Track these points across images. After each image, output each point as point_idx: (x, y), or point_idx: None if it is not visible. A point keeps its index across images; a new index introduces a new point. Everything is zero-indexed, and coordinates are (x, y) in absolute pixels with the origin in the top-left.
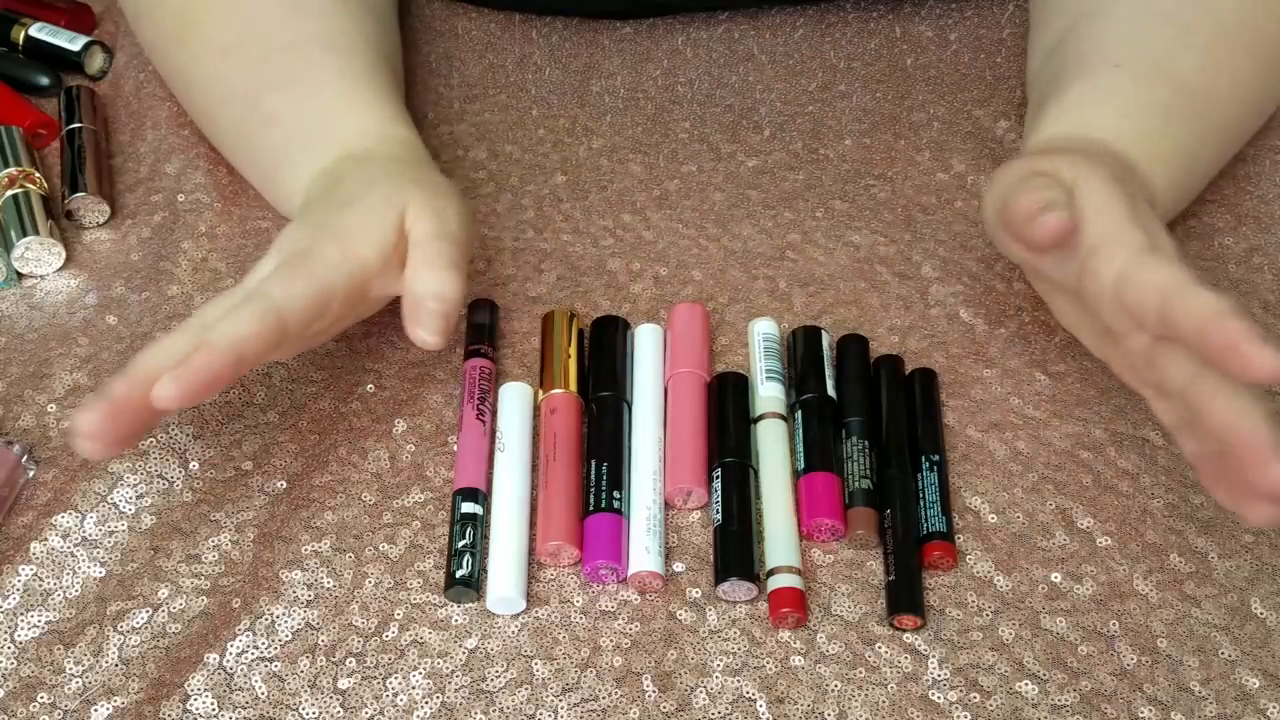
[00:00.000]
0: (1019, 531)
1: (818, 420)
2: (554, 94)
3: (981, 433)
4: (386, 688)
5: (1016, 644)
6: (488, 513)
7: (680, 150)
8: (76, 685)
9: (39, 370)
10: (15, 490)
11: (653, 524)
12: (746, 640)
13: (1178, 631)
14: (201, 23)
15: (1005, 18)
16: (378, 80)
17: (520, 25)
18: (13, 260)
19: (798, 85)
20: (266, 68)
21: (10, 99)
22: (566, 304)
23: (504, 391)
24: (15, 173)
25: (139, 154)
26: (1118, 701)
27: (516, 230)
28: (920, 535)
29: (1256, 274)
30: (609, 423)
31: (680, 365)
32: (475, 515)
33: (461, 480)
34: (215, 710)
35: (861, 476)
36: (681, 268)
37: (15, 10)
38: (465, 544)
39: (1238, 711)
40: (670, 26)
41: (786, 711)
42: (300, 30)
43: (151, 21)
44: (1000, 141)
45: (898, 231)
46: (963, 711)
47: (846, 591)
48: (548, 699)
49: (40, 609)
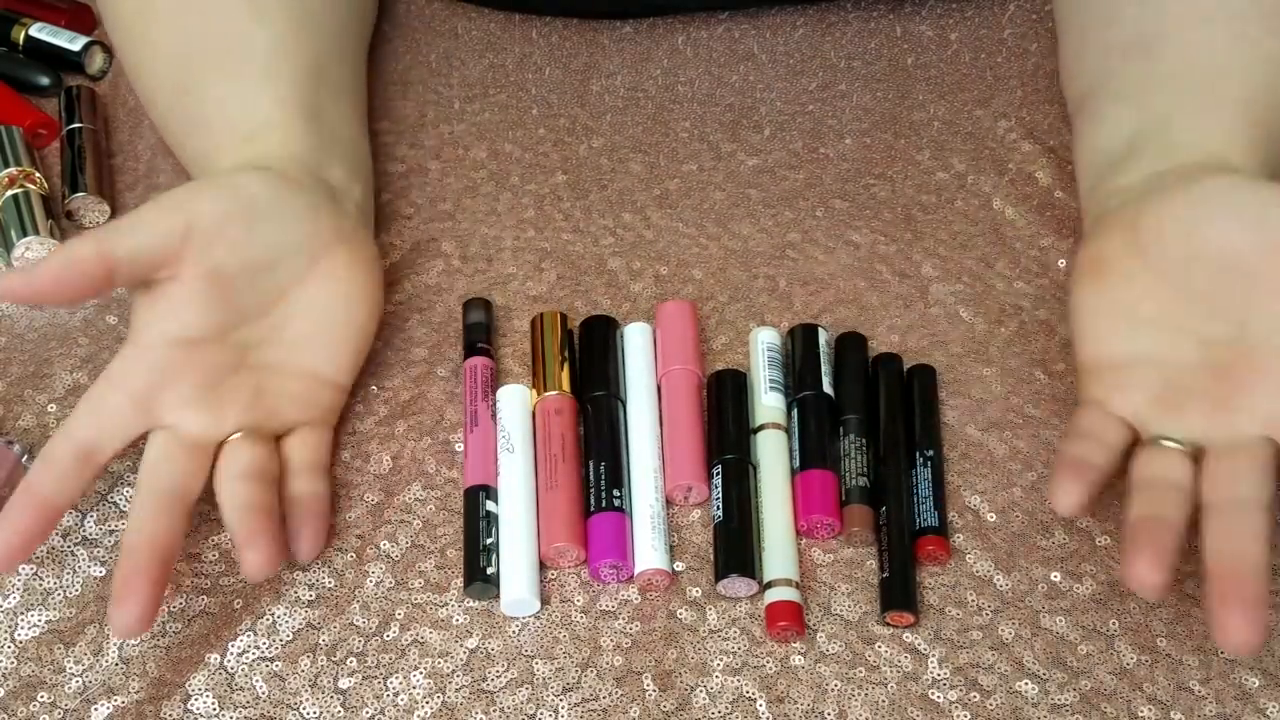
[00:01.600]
0: (1019, 530)
1: (814, 418)
2: (554, 93)
3: (981, 431)
4: (387, 687)
5: (1016, 643)
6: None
7: (680, 149)
8: (77, 684)
9: (39, 370)
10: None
11: (657, 521)
12: (747, 640)
13: (1177, 631)
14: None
15: (1006, 18)
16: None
17: (520, 25)
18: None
19: (798, 84)
20: (180, 109)
21: (10, 99)
22: (557, 306)
23: (502, 393)
24: (15, 172)
25: (137, 153)
26: (1117, 701)
27: (517, 229)
28: (913, 531)
29: None
30: (605, 422)
31: (672, 363)
32: (495, 514)
33: (473, 478)
34: (216, 710)
35: (859, 474)
36: (682, 267)
37: (15, 10)
38: (491, 542)
39: (1237, 711)
40: (670, 26)
41: (786, 711)
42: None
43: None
44: (1000, 141)
45: (898, 230)
46: (962, 711)
47: (846, 591)
48: (548, 698)
49: (40, 608)
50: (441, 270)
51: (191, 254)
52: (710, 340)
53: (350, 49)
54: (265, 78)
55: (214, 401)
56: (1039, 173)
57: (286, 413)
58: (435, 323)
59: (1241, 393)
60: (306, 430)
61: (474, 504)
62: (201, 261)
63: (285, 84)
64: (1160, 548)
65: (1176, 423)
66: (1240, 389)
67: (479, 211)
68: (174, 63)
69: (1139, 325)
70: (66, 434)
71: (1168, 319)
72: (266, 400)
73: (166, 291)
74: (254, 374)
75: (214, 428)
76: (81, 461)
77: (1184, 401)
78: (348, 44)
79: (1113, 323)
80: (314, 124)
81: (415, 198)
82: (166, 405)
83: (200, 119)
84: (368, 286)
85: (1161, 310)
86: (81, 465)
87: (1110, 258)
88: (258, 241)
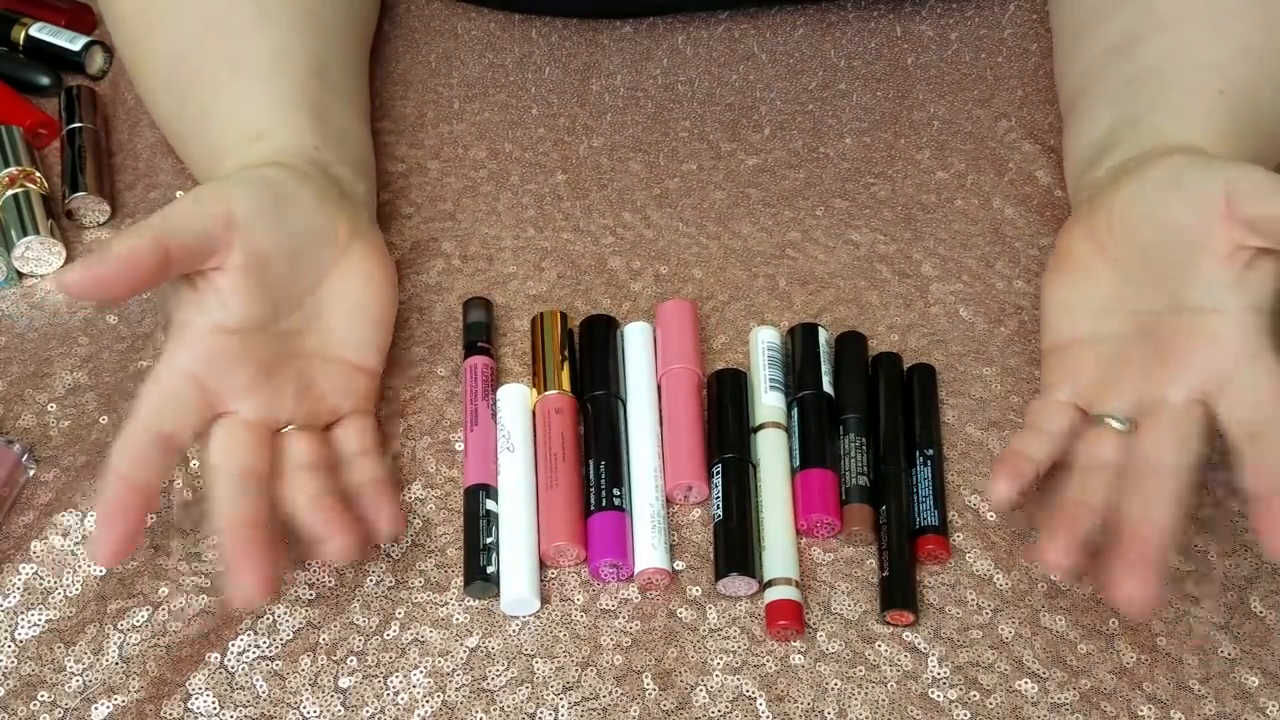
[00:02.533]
0: (1019, 530)
1: (814, 417)
2: (554, 93)
3: (981, 431)
4: (387, 686)
5: (1016, 642)
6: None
7: (680, 149)
8: (77, 684)
9: (39, 370)
10: (15, 489)
11: (657, 520)
12: (746, 639)
13: (1177, 630)
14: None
15: (1006, 18)
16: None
17: (520, 25)
18: (13, 260)
19: (798, 84)
20: (186, 106)
21: (10, 99)
22: (558, 305)
23: (503, 393)
24: (15, 172)
25: (137, 152)
26: (1117, 700)
27: (517, 229)
28: (913, 530)
29: None
30: (605, 421)
31: (672, 362)
32: (496, 514)
33: (474, 477)
34: (216, 709)
35: (859, 473)
36: (682, 266)
37: (15, 10)
38: (491, 541)
39: (1237, 710)
40: (670, 25)
41: (786, 710)
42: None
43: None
44: (1000, 141)
45: (898, 230)
46: (962, 710)
47: (846, 590)
48: (548, 697)
49: (41, 607)
50: (441, 270)
51: (235, 244)
52: (710, 339)
53: (353, 48)
54: (272, 76)
55: (270, 389)
56: (1039, 172)
57: (332, 400)
58: (435, 322)
59: (1174, 360)
60: (352, 418)
61: (474, 503)
62: (244, 251)
63: (292, 83)
64: (1074, 532)
65: (1116, 398)
66: (1173, 356)
67: (479, 211)
68: (177, 60)
69: (1090, 311)
70: (141, 424)
71: (1116, 301)
72: (314, 389)
73: (212, 283)
74: (300, 362)
75: (271, 415)
76: (161, 449)
77: (1121, 376)
78: (350, 43)
79: (1069, 311)
80: (320, 122)
81: (415, 197)
82: (227, 393)
83: (206, 116)
84: (388, 277)
85: (1112, 293)
86: (162, 453)
87: (1072, 250)
88: (291, 232)
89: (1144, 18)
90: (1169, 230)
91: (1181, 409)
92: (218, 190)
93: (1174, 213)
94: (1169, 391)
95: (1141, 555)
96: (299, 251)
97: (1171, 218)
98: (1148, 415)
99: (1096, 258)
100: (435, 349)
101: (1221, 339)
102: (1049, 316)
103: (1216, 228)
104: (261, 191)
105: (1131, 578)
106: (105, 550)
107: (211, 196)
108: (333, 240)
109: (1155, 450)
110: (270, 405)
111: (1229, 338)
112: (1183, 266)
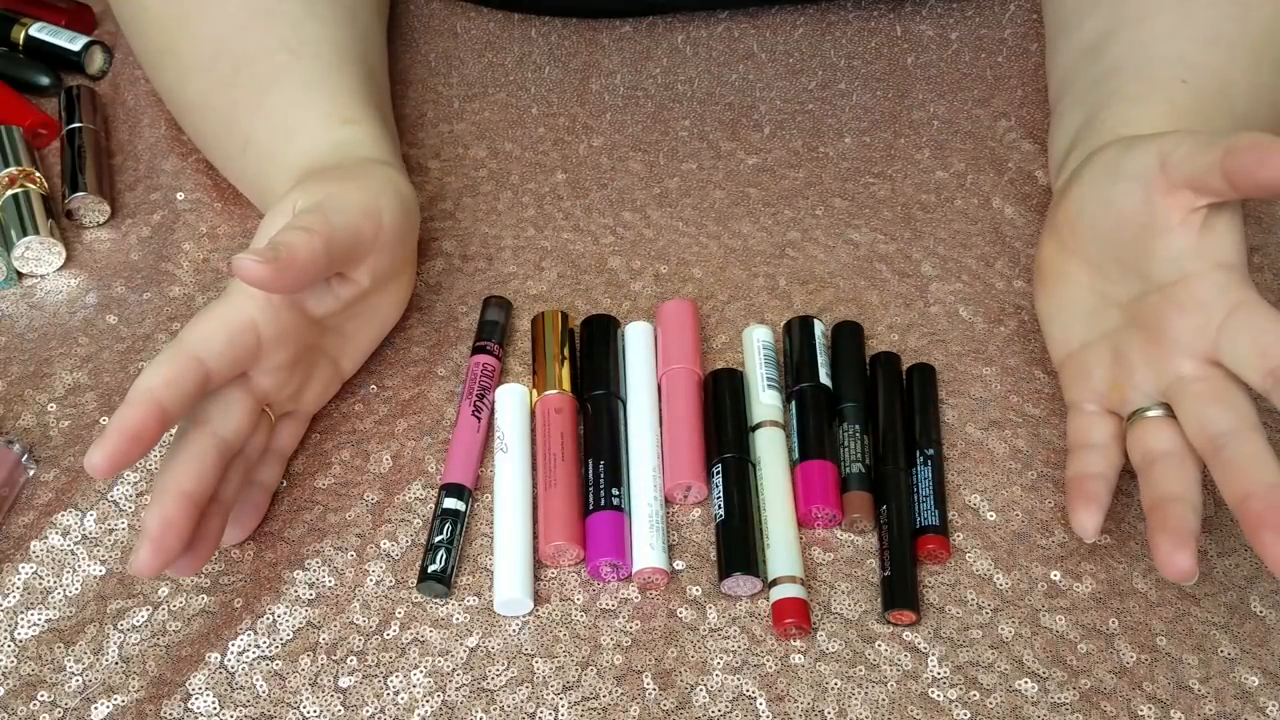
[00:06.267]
0: (1018, 529)
1: (813, 410)
2: (554, 92)
3: (981, 430)
4: (387, 686)
5: (1016, 642)
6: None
7: (680, 148)
8: (77, 683)
9: (39, 370)
10: (15, 489)
11: (655, 520)
12: (746, 638)
13: (1177, 629)
14: (179, 41)
15: (1006, 18)
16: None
17: (520, 24)
18: (13, 260)
19: (798, 83)
20: (237, 84)
21: (10, 99)
22: (558, 304)
23: (501, 392)
24: (15, 172)
25: (137, 152)
26: (1117, 699)
27: (517, 228)
28: (914, 529)
29: (1256, 274)
30: (605, 421)
31: (673, 361)
32: (457, 511)
33: (450, 475)
34: (216, 709)
35: (854, 461)
36: (682, 265)
37: (15, 10)
38: (442, 539)
39: (1237, 709)
40: (670, 25)
41: (786, 709)
42: (265, 40)
43: (139, 38)
44: (1000, 141)
45: (897, 229)
46: (962, 709)
47: (846, 589)
48: (548, 697)
49: (40, 607)
50: (442, 269)
51: (373, 256)
52: (710, 339)
53: (380, 44)
54: (342, 64)
55: (287, 373)
56: (1039, 172)
57: (307, 397)
58: (435, 322)
59: (1166, 337)
60: (296, 416)
61: (437, 502)
62: (376, 265)
63: (353, 77)
64: (1180, 529)
65: (1135, 392)
66: (1163, 334)
67: (479, 210)
68: (221, 44)
69: (1080, 316)
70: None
71: (1100, 298)
72: (312, 383)
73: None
74: (314, 357)
75: (271, 396)
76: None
77: (1129, 368)
78: (376, 39)
79: (1062, 322)
80: (381, 120)
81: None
82: (265, 360)
83: (265, 92)
84: (406, 301)
85: (1094, 292)
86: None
87: (1047, 261)
88: (410, 244)
89: (1114, 16)
90: (1119, 217)
91: (1200, 377)
92: (371, 201)
93: (1119, 199)
94: (1176, 366)
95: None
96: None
97: (1118, 204)
98: (1174, 395)
99: (1069, 262)
100: (435, 349)
101: (1200, 303)
102: (1047, 331)
103: (1160, 201)
104: (399, 202)
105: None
106: (99, 456)
107: (364, 210)
108: (412, 260)
109: (1211, 421)
110: (278, 387)
111: (1207, 299)
112: (1143, 248)
